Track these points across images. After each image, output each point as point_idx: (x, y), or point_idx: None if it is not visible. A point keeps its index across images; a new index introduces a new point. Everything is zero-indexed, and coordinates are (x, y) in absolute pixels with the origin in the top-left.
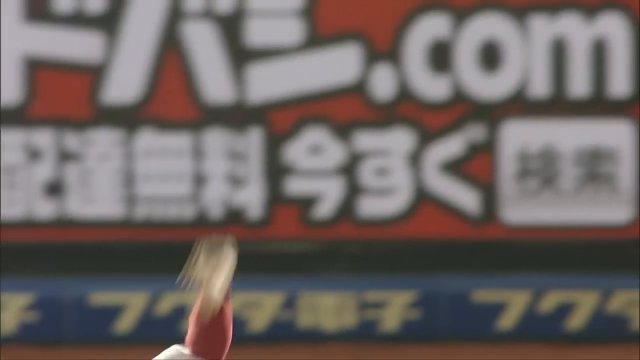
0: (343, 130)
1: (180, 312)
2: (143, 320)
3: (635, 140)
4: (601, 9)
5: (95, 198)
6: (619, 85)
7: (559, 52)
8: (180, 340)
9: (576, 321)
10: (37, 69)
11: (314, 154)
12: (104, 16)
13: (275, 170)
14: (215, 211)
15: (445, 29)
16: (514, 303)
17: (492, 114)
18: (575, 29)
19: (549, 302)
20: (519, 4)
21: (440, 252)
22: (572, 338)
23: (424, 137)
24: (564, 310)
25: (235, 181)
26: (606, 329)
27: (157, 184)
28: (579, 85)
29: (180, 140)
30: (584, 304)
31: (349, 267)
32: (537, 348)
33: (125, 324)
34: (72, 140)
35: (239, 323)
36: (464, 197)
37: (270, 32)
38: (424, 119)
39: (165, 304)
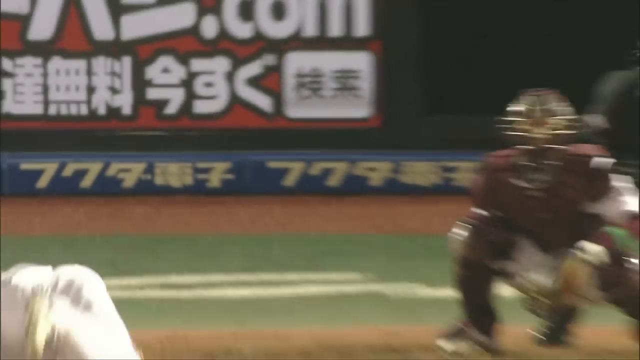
0: (184, 58)
1: (79, 175)
2: (55, 179)
3: (372, 65)
4: None
5: (24, 102)
6: (363, 26)
7: (322, 5)
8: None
9: (334, 181)
10: None
11: (165, 73)
12: None
13: (140, 84)
14: (101, 109)
15: None
16: (294, 169)
17: (279, 47)
18: None
19: (312, 169)
20: None
21: (247, 136)
22: (332, 191)
23: (236, 62)
24: (327, 173)
25: (115, 91)
26: (353, 186)
27: (63, 93)
28: (336, 27)
29: (78, 64)
30: (338, 169)
31: (188, 146)
32: (310, 199)
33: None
34: (8, 64)
35: (118, 180)
36: (262, 101)
37: None
38: (237, 51)
39: (68, 170)
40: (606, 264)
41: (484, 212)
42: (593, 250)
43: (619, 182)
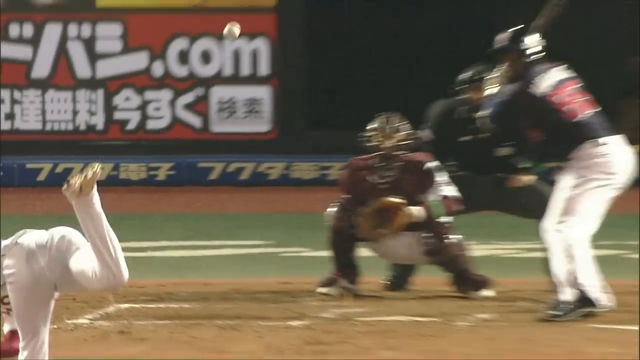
0: (140, 90)
1: (67, 172)
2: (50, 175)
3: (271, 95)
4: None
5: (28, 121)
6: (265, 68)
7: (236, 53)
8: None
9: (245, 176)
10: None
11: (127, 101)
12: (32, 39)
13: (110, 108)
14: (82, 126)
15: None
16: (217, 167)
17: (207, 83)
18: None
19: (229, 167)
20: None
21: (184, 145)
22: (243, 183)
23: (176, 93)
24: (239, 170)
25: (92, 113)
26: (258, 179)
27: (56, 115)
28: (246, 68)
29: (66, 95)
30: (248, 168)
31: (143, 152)
32: (228, 189)
33: (42, 177)
34: (17, 95)
35: None
36: (195, 121)
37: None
38: (177, 85)
39: (60, 168)
40: (427, 230)
41: (348, 197)
42: (416, 208)
43: (440, 177)
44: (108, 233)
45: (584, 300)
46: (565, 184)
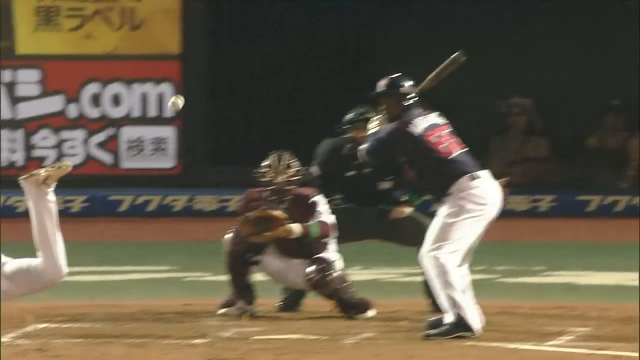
0: (57, 130)
1: None
2: None
3: (176, 135)
4: None
5: None
6: (169, 110)
7: (144, 96)
8: None
9: (151, 207)
10: None
11: (44, 140)
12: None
13: (29, 146)
14: (4, 162)
15: None
16: (126, 200)
17: (117, 123)
18: None
19: (138, 200)
20: None
21: (96, 179)
22: (150, 214)
23: (89, 133)
24: (147, 203)
25: (13, 151)
26: (164, 211)
27: None
28: (153, 110)
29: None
30: (154, 200)
31: (60, 186)
32: (137, 219)
33: None
34: None
35: (14, 207)
36: (106, 158)
37: None
38: (90, 126)
39: None
40: (313, 266)
41: None
42: (296, 225)
43: (323, 206)
44: (56, 228)
45: (460, 321)
46: (442, 213)
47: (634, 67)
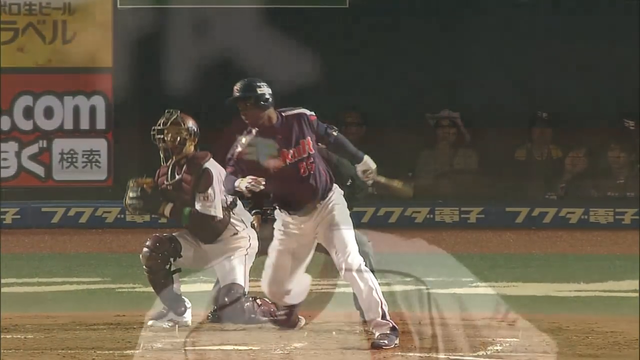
0: None
1: None
2: None
3: (108, 147)
4: None
5: None
6: (101, 123)
7: (76, 109)
8: None
9: (84, 219)
10: None
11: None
12: None
13: None
14: None
15: None
16: (59, 212)
17: (49, 136)
18: None
19: (70, 212)
20: None
21: (29, 191)
22: (83, 226)
23: (22, 145)
24: (80, 214)
25: None
26: (96, 222)
27: None
28: (85, 123)
29: None
30: (87, 212)
31: None
32: (69, 231)
33: None
34: None
35: None
36: (39, 170)
37: None
38: (22, 138)
39: None
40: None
41: (158, 237)
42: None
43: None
44: None
45: (394, 329)
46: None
47: (562, 78)
